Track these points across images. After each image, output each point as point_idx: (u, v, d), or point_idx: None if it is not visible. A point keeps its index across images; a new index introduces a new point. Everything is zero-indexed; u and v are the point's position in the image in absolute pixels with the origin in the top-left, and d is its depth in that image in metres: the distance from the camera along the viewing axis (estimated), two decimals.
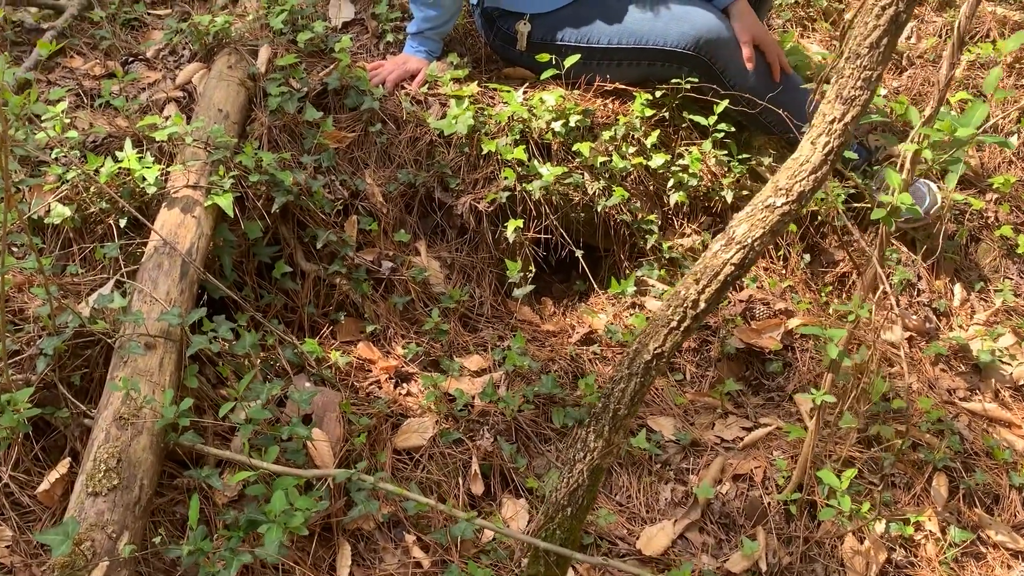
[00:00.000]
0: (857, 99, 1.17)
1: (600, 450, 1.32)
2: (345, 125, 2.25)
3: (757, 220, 1.20)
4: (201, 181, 1.89)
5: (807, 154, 1.20)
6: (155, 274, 1.69)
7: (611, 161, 2.22)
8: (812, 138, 1.20)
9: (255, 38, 2.32)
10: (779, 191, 1.21)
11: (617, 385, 1.30)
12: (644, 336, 1.28)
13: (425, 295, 2.15)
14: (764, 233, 1.20)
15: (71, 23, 2.42)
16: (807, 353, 2.19)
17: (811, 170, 1.20)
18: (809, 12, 2.76)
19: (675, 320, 1.24)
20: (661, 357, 1.27)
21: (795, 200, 1.20)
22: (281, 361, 1.87)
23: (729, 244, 1.21)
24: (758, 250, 1.21)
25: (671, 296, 1.25)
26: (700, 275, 1.22)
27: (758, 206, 1.22)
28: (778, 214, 1.20)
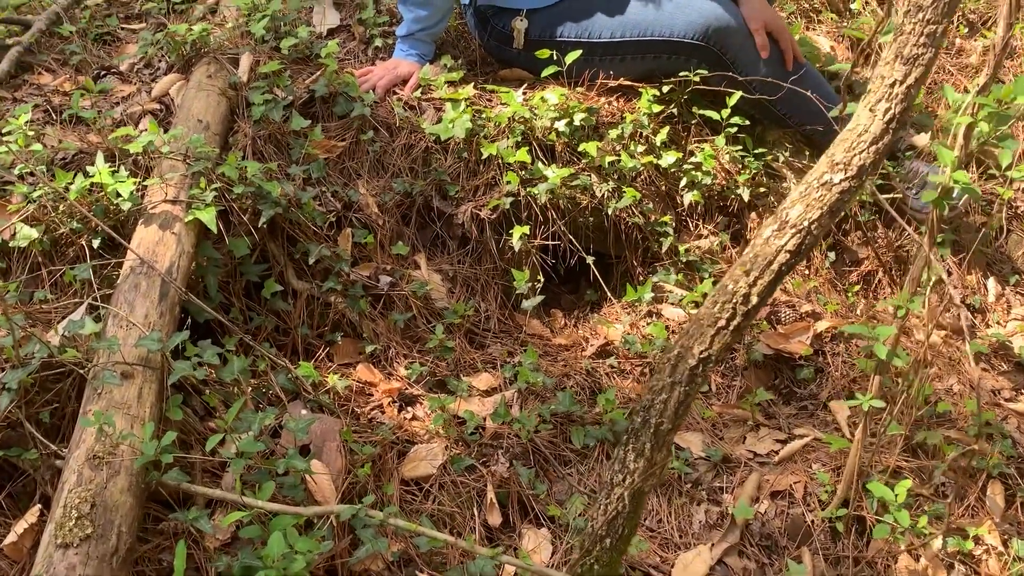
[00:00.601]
0: (920, 58, 1.03)
1: (641, 471, 1.16)
2: (335, 134, 2.11)
3: (813, 200, 1.06)
4: (181, 195, 1.73)
5: (865, 123, 1.06)
6: (132, 296, 1.53)
7: (620, 161, 2.09)
8: (870, 104, 1.06)
9: (235, 46, 2.18)
10: (836, 166, 1.06)
11: (658, 396, 1.14)
12: (687, 338, 1.12)
13: (427, 311, 1.99)
14: (822, 214, 1.06)
15: (39, 38, 2.27)
16: (839, 357, 2.04)
17: (871, 140, 1.05)
18: (813, 3, 2.65)
19: (723, 318, 1.09)
20: (708, 362, 1.11)
21: (855, 175, 1.06)
22: (274, 388, 1.71)
23: (783, 228, 1.06)
24: (816, 234, 1.06)
25: (717, 291, 1.10)
26: (750, 265, 1.07)
27: (813, 184, 1.07)
28: (836, 192, 1.06)
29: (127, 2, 2.52)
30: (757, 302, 1.08)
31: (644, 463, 1.16)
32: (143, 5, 2.44)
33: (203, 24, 2.17)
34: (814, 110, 2.17)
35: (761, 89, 2.11)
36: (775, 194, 2.19)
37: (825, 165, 1.08)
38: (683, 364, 1.13)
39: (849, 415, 1.92)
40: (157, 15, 2.40)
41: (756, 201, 2.19)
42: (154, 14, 2.41)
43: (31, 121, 1.94)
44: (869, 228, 2.24)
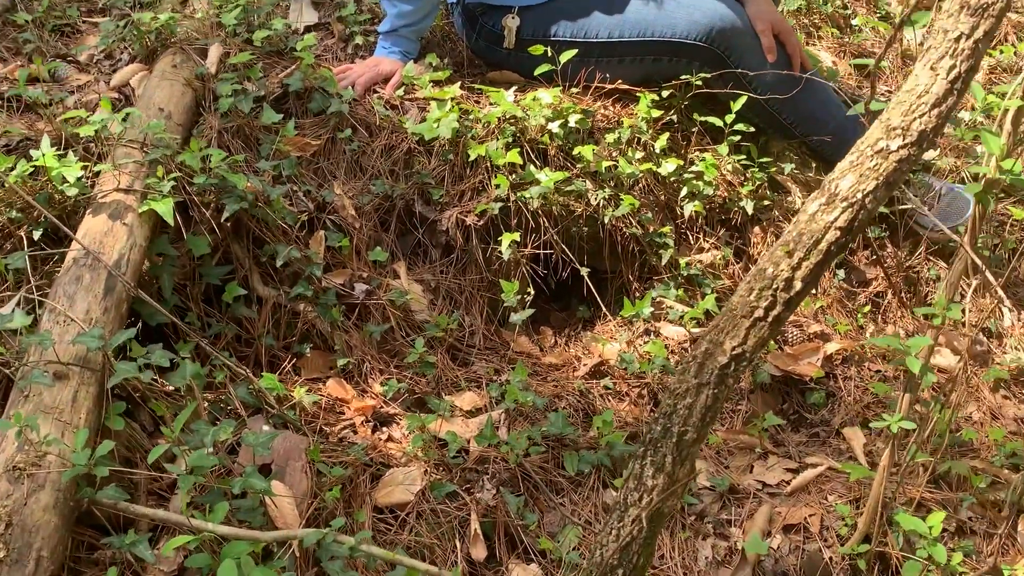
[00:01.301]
0: (990, 7, 0.90)
1: (661, 489, 0.99)
2: (309, 131, 1.95)
3: (867, 169, 0.91)
4: (136, 184, 1.56)
5: (926, 82, 0.92)
6: (72, 289, 1.34)
7: (617, 166, 1.94)
8: (931, 62, 0.92)
9: (204, 37, 2.02)
10: (893, 131, 0.92)
11: (682, 400, 0.98)
12: (716, 332, 0.96)
13: (406, 323, 1.82)
14: (878, 186, 0.91)
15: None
16: (851, 381, 1.89)
17: (933, 103, 0.91)
18: (813, 19, 2.55)
19: (761, 307, 0.93)
20: (741, 360, 0.95)
21: (915, 142, 0.91)
22: (233, 401, 1.52)
23: (831, 202, 0.91)
24: (870, 209, 0.92)
25: (754, 276, 0.94)
26: (794, 245, 0.92)
27: (866, 152, 0.92)
28: (894, 160, 0.91)
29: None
30: (801, 288, 0.93)
31: (664, 479, 0.99)
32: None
33: (169, 13, 2.01)
34: (822, 120, 2.05)
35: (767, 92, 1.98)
36: (780, 208, 2.06)
37: (880, 131, 0.93)
38: (712, 362, 0.96)
39: (866, 443, 1.76)
40: (123, 7, 2.24)
41: (760, 215, 2.05)
42: (119, 6, 2.25)
43: None
44: (879, 246, 2.11)
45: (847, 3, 2.61)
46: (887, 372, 1.92)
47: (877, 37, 2.49)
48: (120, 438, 1.35)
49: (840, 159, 2.11)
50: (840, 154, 2.11)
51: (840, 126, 2.04)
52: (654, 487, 0.99)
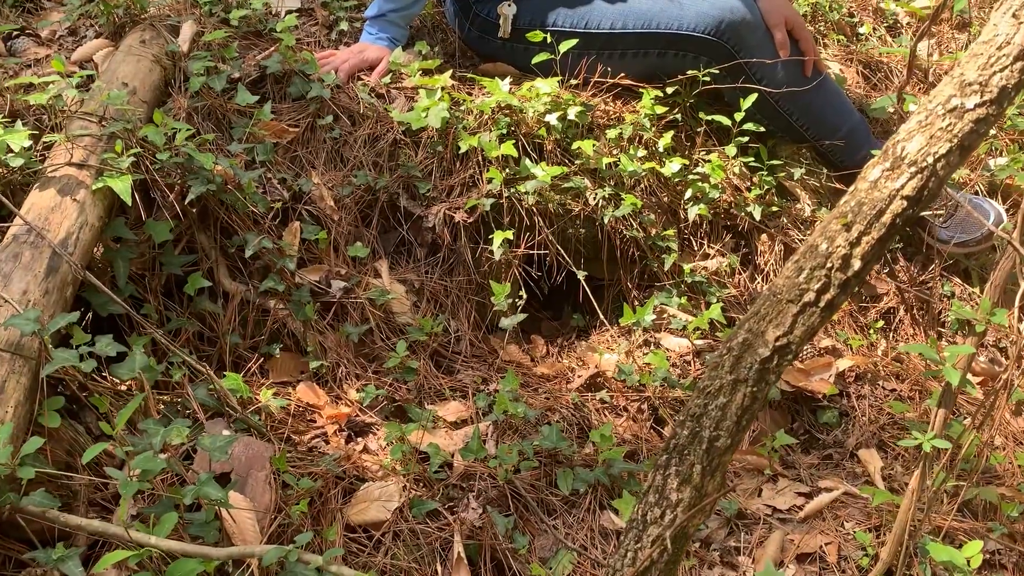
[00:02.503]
0: None
1: (687, 504, 0.84)
2: (287, 118, 1.80)
3: (939, 130, 0.78)
4: (91, 160, 1.40)
5: (1008, 32, 0.79)
6: (8, 267, 1.18)
7: (618, 164, 1.81)
8: (1014, 9, 0.79)
9: (177, 15, 1.88)
10: (968, 87, 0.79)
11: (714, 400, 0.83)
12: (756, 320, 0.82)
13: (387, 325, 1.67)
14: (951, 149, 0.78)
15: None
16: (865, 400, 1.76)
17: (1016, 55, 0.78)
18: (820, 27, 2.45)
19: (812, 290, 0.79)
20: (786, 353, 0.82)
21: (995, 99, 0.78)
22: (191, 403, 1.36)
23: (897, 167, 0.78)
24: (942, 177, 0.78)
25: (804, 255, 0.81)
26: (852, 216, 0.78)
27: (937, 111, 0.79)
28: (970, 121, 0.78)
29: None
30: (860, 267, 0.79)
31: (691, 492, 0.85)
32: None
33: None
34: (834, 123, 1.94)
35: (777, 94, 1.87)
36: (788, 215, 1.94)
37: (952, 87, 0.80)
38: (751, 355, 0.82)
39: (883, 466, 1.63)
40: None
41: (767, 222, 1.92)
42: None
43: None
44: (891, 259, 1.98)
45: (853, 12, 2.52)
46: (902, 391, 1.79)
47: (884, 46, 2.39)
48: (59, 440, 1.18)
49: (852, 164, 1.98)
50: (852, 159, 2.00)
51: (852, 130, 1.93)
52: (679, 502, 0.84)
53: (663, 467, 0.86)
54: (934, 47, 2.47)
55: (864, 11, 2.53)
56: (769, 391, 0.84)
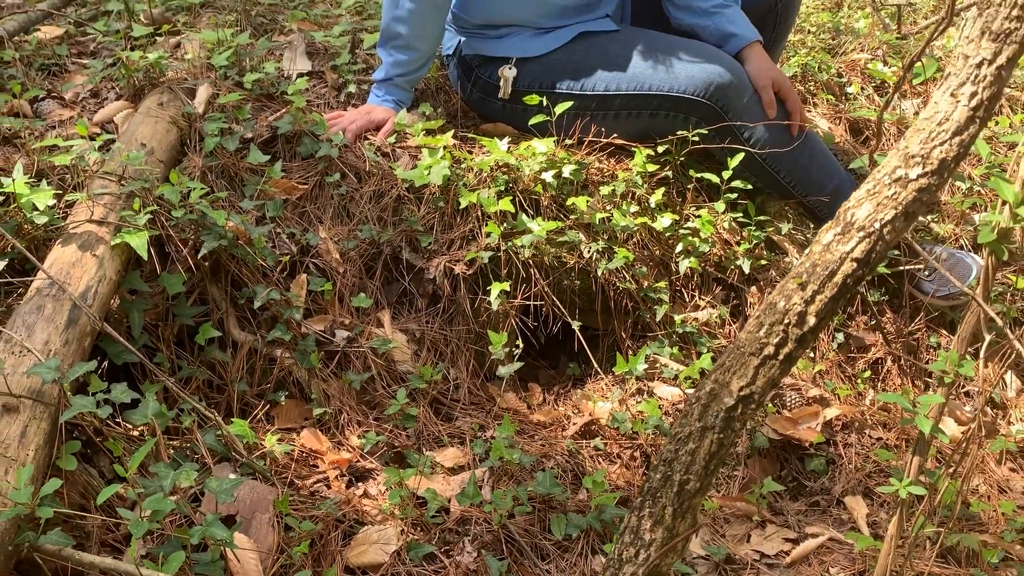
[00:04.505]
0: (1014, 32, 0.85)
1: (659, 544, 0.90)
2: (297, 175, 1.89)
3: (885, 199, 0.85)
4: (110, 217, 1.49)
5: (947, 110, 0.87)
6: (32, 319, 1.26)
7: (611, 219, 1.89)
8: (952, 88, 0.87)
9: (194, 78, 1.99)
10: (912, 159, 0.86)
11: (684, 446, 0.90)
12: (722, 372, 0.89)
13: (388, 373, 1.73)
14: (896, 216, 0.85)
15: None
16: (852, 448, 1.81)
17: (954, 130, 0.86)
18: (809, 86, 2.55)
19: (771, 344, 0.86)
20: (749, 402, 0.88)
21: (936, 171, 0.86)
22: (200, 448, 1.42)
23: (847, 231, 0.85)
24: (888, 241, 0.85)
25: (764, 311, 0.88)
26: (807, 277, 0.85)
27: (883, 181, 0.87)
28: (913, 189, 0.86)
29: (82, 40, 2.34)
30: (815, 324, 0.86)
31: (663, 533, 0.90)
32: (99, 40, 2.26)
33: (160, 53, 1.97)
34: (819, 180, 2.02)
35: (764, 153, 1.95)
36: (777, 268, 2.01)
37: (898, 159, 0.88)
38: (717, 404, 0.89)
39: (868, 513, 1.67)
40: (113, 47, 2.21)
41: (757, 274, 1.99)
42: (110, 47, 2.22)
43: None
44: (878, 312, 2.05)
45: (842, 72, 2.62)
46: (889, 439, 1.84)
47: (872, 105, 2.49)
48: (74, 482, 1.25)
49: None
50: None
51: (839, 187, 2.01)
52: (652, 542, 0.90)
53: (638, 509, 0.92)
54: (920, 105, 2.56)
55: (853, 71, 2.63)
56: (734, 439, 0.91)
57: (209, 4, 2.42)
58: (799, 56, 2.57)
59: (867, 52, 2.71)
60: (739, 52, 1.96)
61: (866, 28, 2.95)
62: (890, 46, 2.74)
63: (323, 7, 2.54)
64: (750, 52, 1.95)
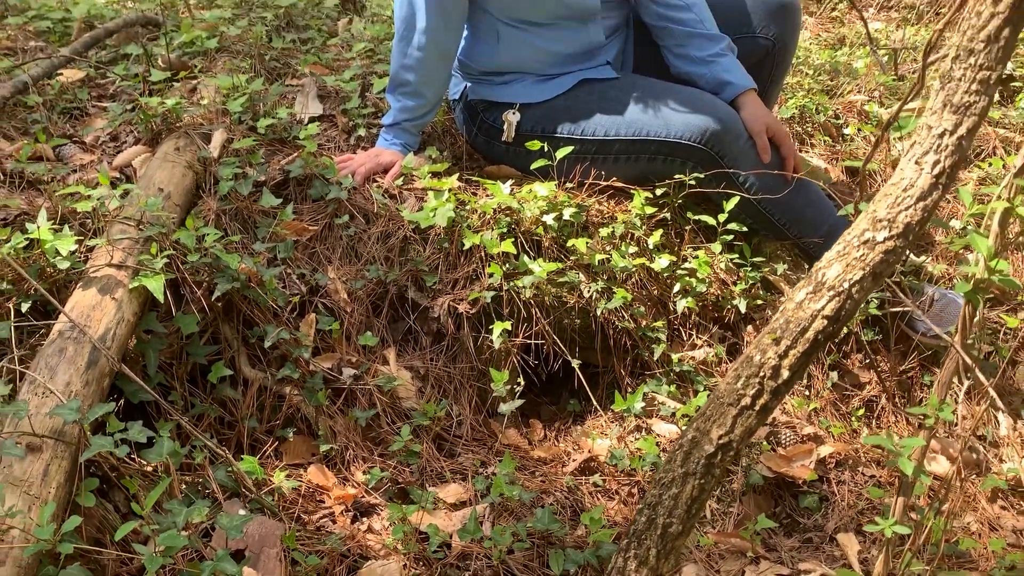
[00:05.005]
0: (972, 106, 0.92)
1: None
2: (307, 217, 1.97)
3: (854, 260, 0.91)
4: (128, 260, 1.56)
5: (911, 176, 0.93)
6: (55, 361, 1.33)
7: (610, 260, 1.95)
8: (916, 156, 0.93)
9: (210, 123, 2.07)
10: (879, 223, 0.92)
11: (667, 491, 0.95)
12: (703, 420, 0.94)
13: (393, 410, 1.79)
14: (864, 276, 0.91)
15: (1, 105, 2.15)
16: (845, 486, 1.85)
17: (918, 196, 0.92)
18: (807, 127, 2.62)
19: (748, 395, 0.92)
20: (728, 449, 0.93)
21: (901, 234, 0.91)
22: (211, 483, 1.48)
23: (819, 290, 0.91)
24: (857, 299, 0.91)
25: (741, 364, 0.93)
26: (781, 332, 0.91)
27: (852, 242, 0.93)
28: (880, 252, 0.91)
29: (102, 83, 2.43)
30: (789, 377, 0.91)
31: (648, 573, 0.96)
32: (118, 83, 2.35)
33: (177, 98, 2.06)
34: (814, 221, 2.07)
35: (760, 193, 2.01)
36: (773, 308, 2.06)
37: (866, 222, 0.94)
38: (698, 451, 0.94)
39: (860, 550, 1.71)
40: (132, 92, 2.30)
41: (753, 314, 2.05)
42: (129, 91, 2.31)
43: None
44: (872, 350, 2.09)
45: (839, 113, 2.68)
46: (881, 477, 1.88)
47: (868, 146, 2.55)
48: (91, 517, 1.31)
49: None
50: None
51: (832, 228, 2.06)
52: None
53: (624, 550, 0.98)
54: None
55: (850, 112, 2.69)
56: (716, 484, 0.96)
57: (225, 49, 2.51)
58: (796, 98, 2.64)
59: (864, 93, 2.78)
60: (734, 99, 2.03)
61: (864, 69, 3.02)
62: (887, 87, 2.80)
63: (334, 51, 2.63)
64: (745, 99, 2.02)
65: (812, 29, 4.18)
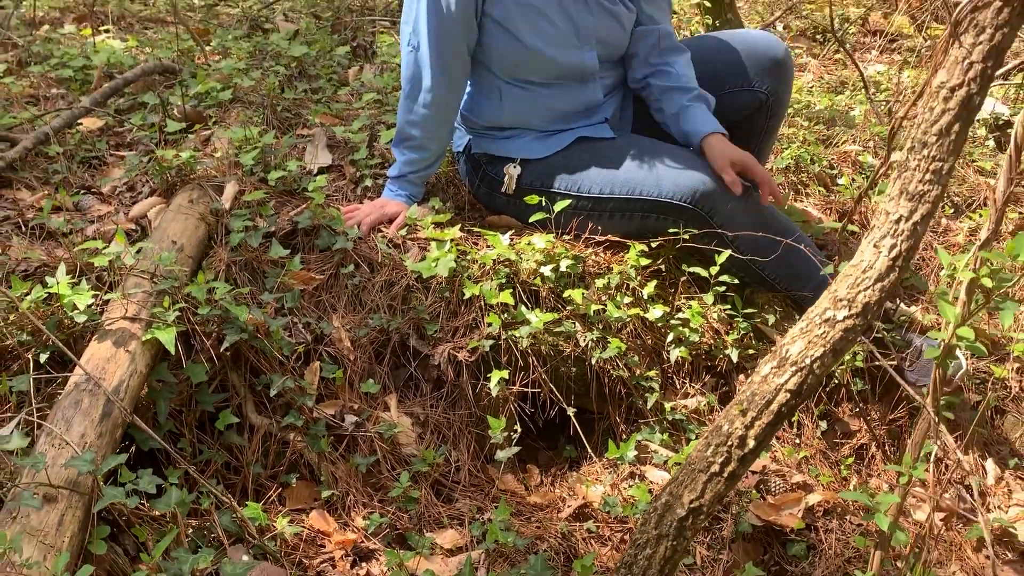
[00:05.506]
0: (926, 194, 0.98)
1: None
2: (314, 266, 2.04)
3: (815, 337, 0.98)
4: (142, 313, 1.64)
5: (870, 259, 0.99)
6: (71, 413, 1.40)
7: (605, 310, 2.02)
8: (875, 240, 1.00)
9: (222, 175, 2.16)
10: (839, 302, 0.99)
11: (641, 551, 1.01)
12: (675, 485, 1.01)
13: (393, 456, 1.86)
14: (825, 352, 0.97)
15: (23, 156, 2.24)
16: (832, 535, 1.89)
17: (876, 277, 0.99)
18: (802, 177, 2.69)
19: (717, 463, 0.98)
20: (699, 513, 0.99)
21: (860, 313, 0.98)
22: (216, 529, 1.55)
23: (782, 365, 0.97)
24: (818, 374, 0.97)
25: (710, 433, 1.00)
26: (747, 404, 0.97)
27: (815, 320, 0.99)
28: (840, 329, 0.98)
29: (120, 132, 2.53)
30: (754, 446, 0.97)
31: None
32: (135, 132, 2.44)
33: (191, 151, 2.15)
34: (803, 275, 2.13)
35: (748, 252, 2.07)
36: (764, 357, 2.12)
37: (828, 301, 1.00)
38: (671, 515, 1.00)
39: None
40: (148, 143, 2.39)
41: (745, 363, 2.11)
42: (145, 142, 2.40)
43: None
44: (862, 399, 2.15)
45: (834, 163, 2.75)
46: (868, 526, 1.93)
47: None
48: (102, 563, 1.37)
49: None
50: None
51: (821, 282, 2.12)
52: None
53: None
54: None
55: (844, 162, 2.76)
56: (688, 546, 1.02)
57: (238, 100, 2.60)
58: (792, 149, 2.71)
59: (859, 144, 2.85)
60: (700, 146, 2.10)
61: (861, 116, 3.10)
62: (881, 137, 2.87)
63: (344, 102, 2.72)
64: (707, 142, 2.09)
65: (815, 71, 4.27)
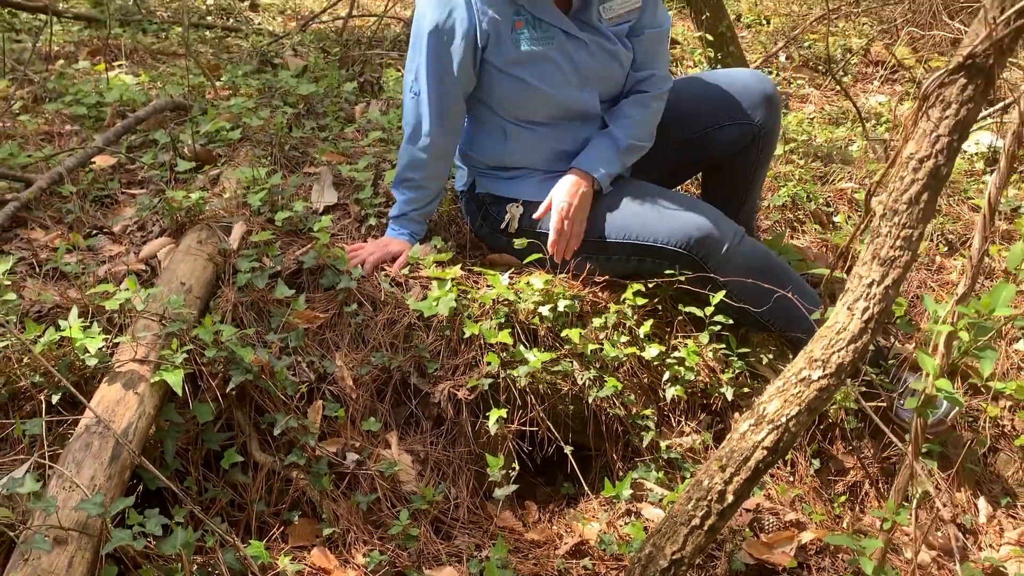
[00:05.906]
0: (897, 259, 1.03)
1: None
2: (318, 305, 2.10)
3: (791, 396, 1.02)
4: (151, 355, 1.69)
5: (844, 321, 1.04)
6: (81, 455, 1.45)
7: (602, 349, 2.06)
8: (848, 303, 1.05)
9: (230, 215, 2.22)
10: (814, 363, 1.03)
11: None
12: (658, 537, 1.05)
13: (393, 494, 1.90)
14: (800, 411, 1.02)
15: (38, 196, 2.31)
16: (825, 573, 1.93)
17: (849, 339, 1.03)
18: (798, 214, 2.74)
19: (697, 516, 1.02)
20: (680, 564, 1.03)
21: (833, 373, 1.02)
22: (220, 567, 1.59)
23: (759, 423, 1.02)
24: (794, 431, 1.02)
25: (691, 487, 1.04)
26: (726, 461, 1.02)
27: (791, 380, 1.04)
28: (815, 389, 1.02)
29: (132, 169, 2.59)
30: (733, 501, 1.02)
31: None
32: (146, 171, 2.51)
33: (200, 192, 2.21)
34: (796, 316, 2.17)
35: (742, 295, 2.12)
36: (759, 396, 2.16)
37: (803, 361, 1.05)
38: (654, 566, 1.05)
39: None
40: (159, 182, 2.46)
41: (740, 401, 2.15)
42: (156, 180, 2.47)
43: (12, 272, 1.93)
44: (855, 437, 2.18)
45: (830, 200, 2.80)
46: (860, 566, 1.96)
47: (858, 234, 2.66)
48: None
49: None
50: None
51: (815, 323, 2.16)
52: None
53: None
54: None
55: (840, 200, 2.81)
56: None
57: (247, 139, 2.67)
58: (788, 187, 2.76)
59: (855, 181, 2.90)
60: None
61: (859, 152, 3.15)
62: None
63: (350, 140, 2.79)
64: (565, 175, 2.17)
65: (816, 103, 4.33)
